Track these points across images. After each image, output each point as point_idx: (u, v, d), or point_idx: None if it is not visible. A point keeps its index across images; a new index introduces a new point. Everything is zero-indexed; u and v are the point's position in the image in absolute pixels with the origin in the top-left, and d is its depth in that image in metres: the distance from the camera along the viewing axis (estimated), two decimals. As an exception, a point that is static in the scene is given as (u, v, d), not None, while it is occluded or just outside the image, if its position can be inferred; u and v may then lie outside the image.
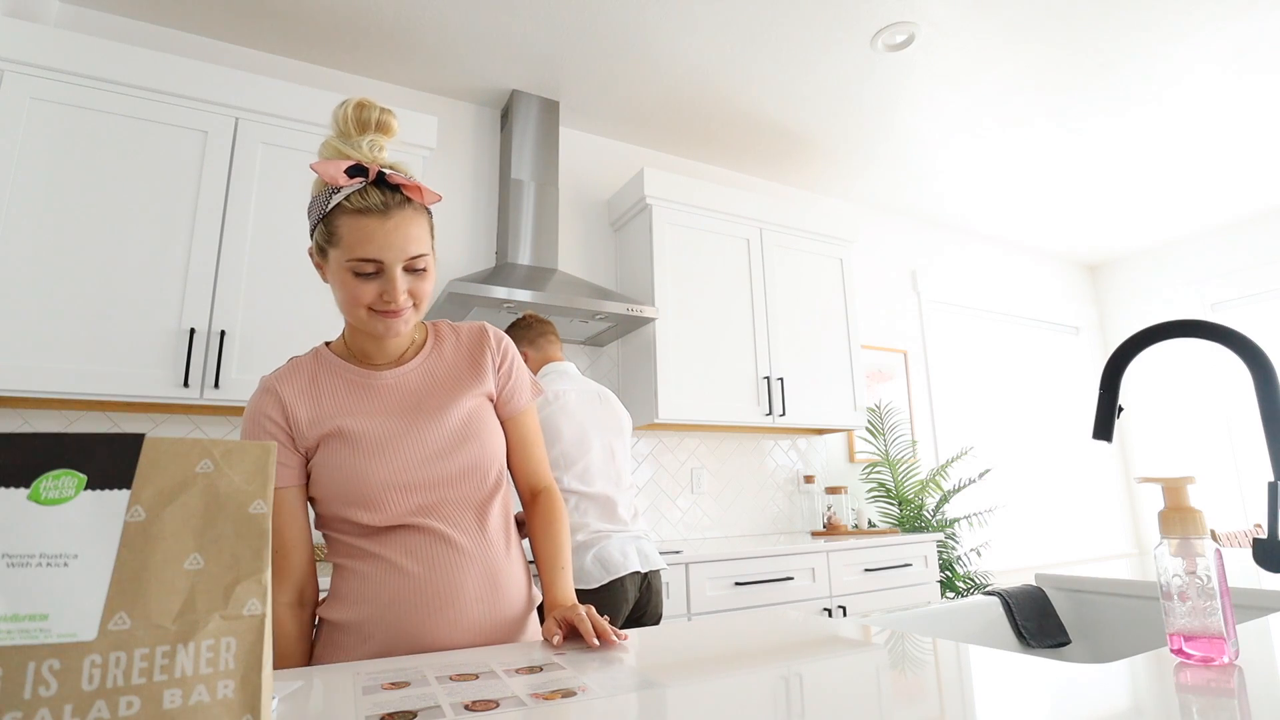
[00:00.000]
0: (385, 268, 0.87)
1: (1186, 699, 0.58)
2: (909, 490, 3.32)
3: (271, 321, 2.07)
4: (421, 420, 0.94)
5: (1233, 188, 3.93)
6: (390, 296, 0.88)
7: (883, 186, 3.85)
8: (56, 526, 0.38)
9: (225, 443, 0.44)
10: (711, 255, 2.98)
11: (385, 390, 0.96)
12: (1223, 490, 4.29)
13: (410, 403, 0.95)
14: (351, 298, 0.88)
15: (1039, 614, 1.20)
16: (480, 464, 0.96)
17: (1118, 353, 0.93)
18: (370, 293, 0.88)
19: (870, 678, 0.68)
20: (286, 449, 0.92)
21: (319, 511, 0.95)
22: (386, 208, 0.86)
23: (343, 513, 0.91)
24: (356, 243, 0.86)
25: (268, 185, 2.15)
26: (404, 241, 0.87)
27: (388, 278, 0.88)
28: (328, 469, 0.90)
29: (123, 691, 0.36)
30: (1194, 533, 0.67)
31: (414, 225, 0.89)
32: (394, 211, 0.87)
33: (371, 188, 0.87)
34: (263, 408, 0.93)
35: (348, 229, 0.86)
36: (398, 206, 0.87)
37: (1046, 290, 4.85)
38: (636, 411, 2.79)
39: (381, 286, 0.88)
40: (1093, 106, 3.08)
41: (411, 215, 0.89)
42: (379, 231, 0.86)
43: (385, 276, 0.88)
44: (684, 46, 2.62)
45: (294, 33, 2.50)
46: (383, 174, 0.87)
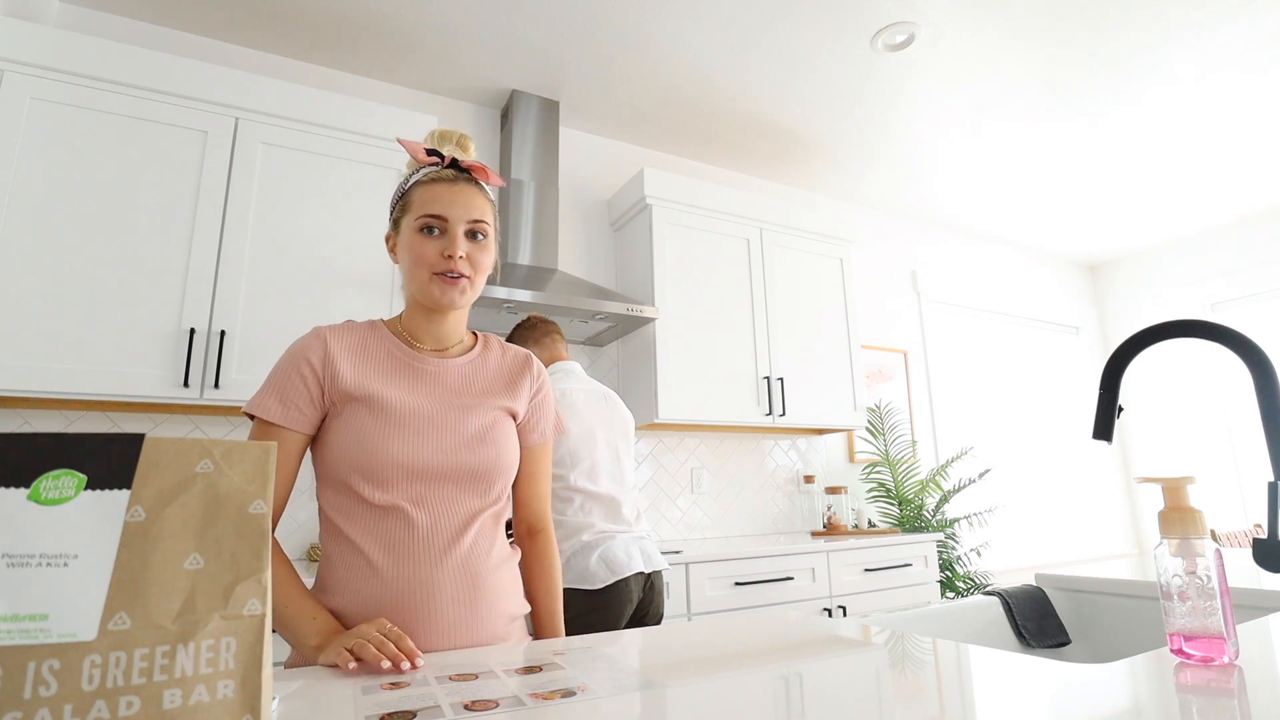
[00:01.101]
0: (449, 225, 0.97)
1: (1186, 699, 0.58)
2: (909, 490, 3.32)
3: (271, 321, 2.07)
4: (450, 411, 0.97)
5: (1233, 188, 3.93)
6: (451, 252, 0.95)
7: (883, 186, 3.85)
8: (56, 526, 0.38)
9: (225, 443, 0.44)
10: (711, 255, 2.98)
11: (425, 375, 1.00)
12: (1223, 490, 4.28)
13: (444, 393, 0.99)
14: (416, 256, 0.96)
15: (1039, 614, 1.20)
16: (491, 470, 0.97)
17: (1118, 353, 0.93)
18: (434, 250, 0.96)
19: (870, 678, 0.68)
20: (310, 398, 0.94)
21: (321, 476, 0.96)
22: (455, 179, 0.99)
23: (347, 479, 0.92)
24: (425, 202, 0.97)
25: (268, 185, 2.15)
26: (468, 203, 0.98)
27: (450, 236, 0.96)
28: (348, 431, 0.93)
29: (123, 691, 0.36)
30: (1194, 533, 0.67)
31: (478, 196, 1.00)
32: (461, 182, 0.99)
33: (445, 169, 1.00)
34: (306, 350, 0.96)
35: (419, 194, 0.98)
36: (465, 181, 1.00)
37: (1046, 290, 4.85)
38: (637, 411, 2.79)
39: (444, 245, 0.96)
40: (1093, 106, 3.08)
41: (477, 190, 1.00)
42: (446, 193, 0.97)
43: (448, 235, 0.96)
44: (684, 46, 2.62)
45: (294, 33, 2.50)
46: (455, 161, 1.01)
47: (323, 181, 2.23)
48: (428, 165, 1.01)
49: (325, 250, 2.19)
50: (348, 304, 2.18)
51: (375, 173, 2.32)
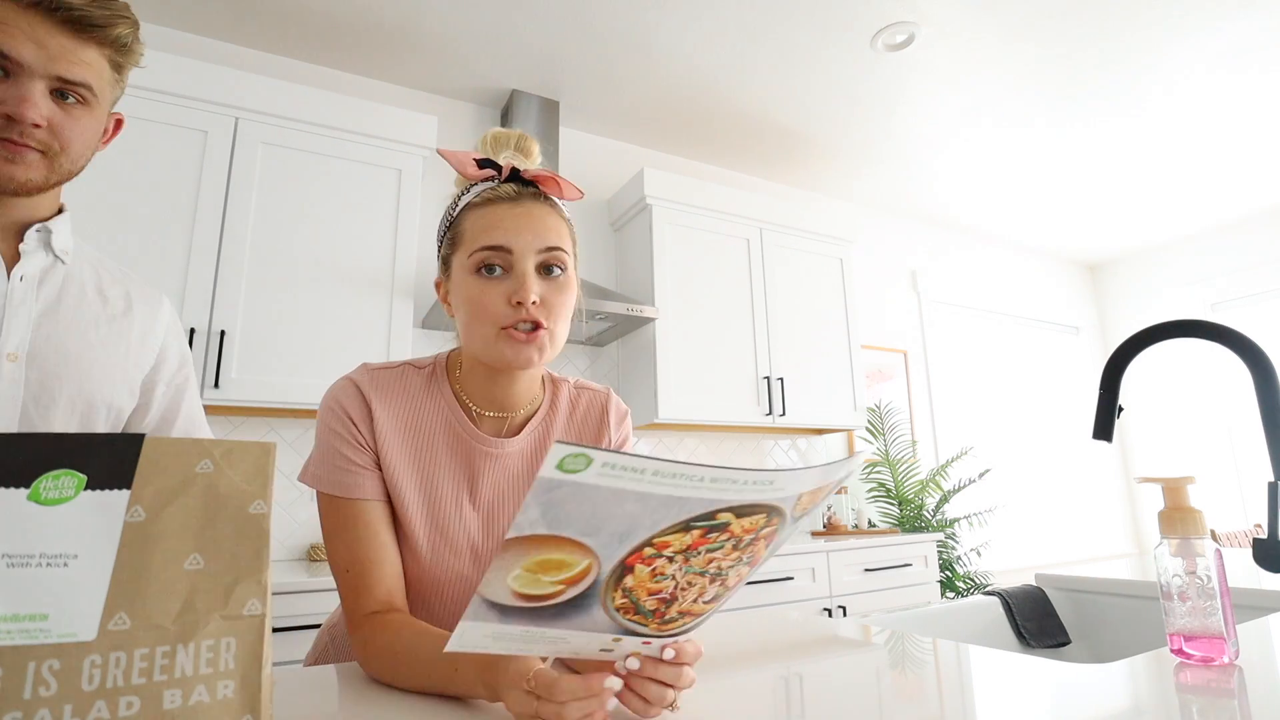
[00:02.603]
0: (514, 259, 0.74)
1: (1186, 699, 0.58)
2: (909, 490, 3.32)
3: (271, 321, 2.07)
4: (504, 518, 0.82)
5: (1232, 188, 3.93)
6: (521, 296, 0.73)
7: (883, 186, 3.85)
8: (56, 526, 0.38)
9: (225, 443, 0.44)
10: (711, 255, 2.98)
11: (485, 460, 0.82)
12: (1223, 490, 4.28)
13: (505, 484, 0.83)
14: (476, 307, 0.74)
15: (1039, 614, 1.20)
16: None
17: (1118, 353, 0.93)
18: (497, 296, 0.74)
19: (870, 678, 0.68)
20: (365, 456, 0.78)
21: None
22: (517, 196, 0.76)
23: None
24: (481, 230, 0.75)
25: (268, 185, 2.15)
26: (538, 228, 0.75)
27: (518, 275, 0.74)
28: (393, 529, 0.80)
29: (123, 692, 0.36)
30: (1194, 533, 0.67)
31: (550, 217, 0.77)
32: (525, 200, 0.76)
33: (504, 184, 0.78)
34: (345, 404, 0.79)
35: (472, 221, 0.76)
36: (530, 197, 0.77)
37: (1046, 290, 4.85)
38: (637, 411, 2.79)
39: (511, 286, 0.74)
40: (1093, 106, 3.08)
41: (548, 209, 0.78)
42: (507, 216, 0.75)
43: (515, 273, 0.74)
44: (684, 46, 2.62)
45: (294, 33, 2.50)
46: (516, 170, 0.78)
47: (323, 181, 2.23)
48: (481, 181, 0.79)
49: (325, 250, 2.19)
50: (348, 304, 2.18)
51: (375, 173, 2.32)
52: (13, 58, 0.73)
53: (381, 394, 0.80)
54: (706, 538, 0.44)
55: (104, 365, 0.87)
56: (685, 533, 0.43)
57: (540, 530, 0.40)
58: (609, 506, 0.39)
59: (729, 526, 0.43)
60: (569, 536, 0.41)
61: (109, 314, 0.90)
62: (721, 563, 0.46)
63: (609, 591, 0.45)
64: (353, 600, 0.75)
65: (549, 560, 0.42)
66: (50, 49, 0.75)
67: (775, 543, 0.48)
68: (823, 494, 0.47)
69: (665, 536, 0.42)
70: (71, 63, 0.76)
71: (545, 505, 0.38)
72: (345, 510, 0.77)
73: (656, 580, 0.45)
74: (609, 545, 0.42)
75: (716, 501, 0.41)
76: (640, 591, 0.46)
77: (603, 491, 0.38)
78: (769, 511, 0.44)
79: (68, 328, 0.85)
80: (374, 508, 0.78)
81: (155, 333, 0.95)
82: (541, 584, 0.43)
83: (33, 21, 0.73)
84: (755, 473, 0.41)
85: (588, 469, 0.37)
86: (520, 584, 0.43)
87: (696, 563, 0.45)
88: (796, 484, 0.43)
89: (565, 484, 0.37)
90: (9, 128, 0.74)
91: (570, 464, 0.37)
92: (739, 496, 0.41)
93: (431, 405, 0.82)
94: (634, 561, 0.44)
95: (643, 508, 0.40)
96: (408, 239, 2.32)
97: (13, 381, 0.79)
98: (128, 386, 0.91)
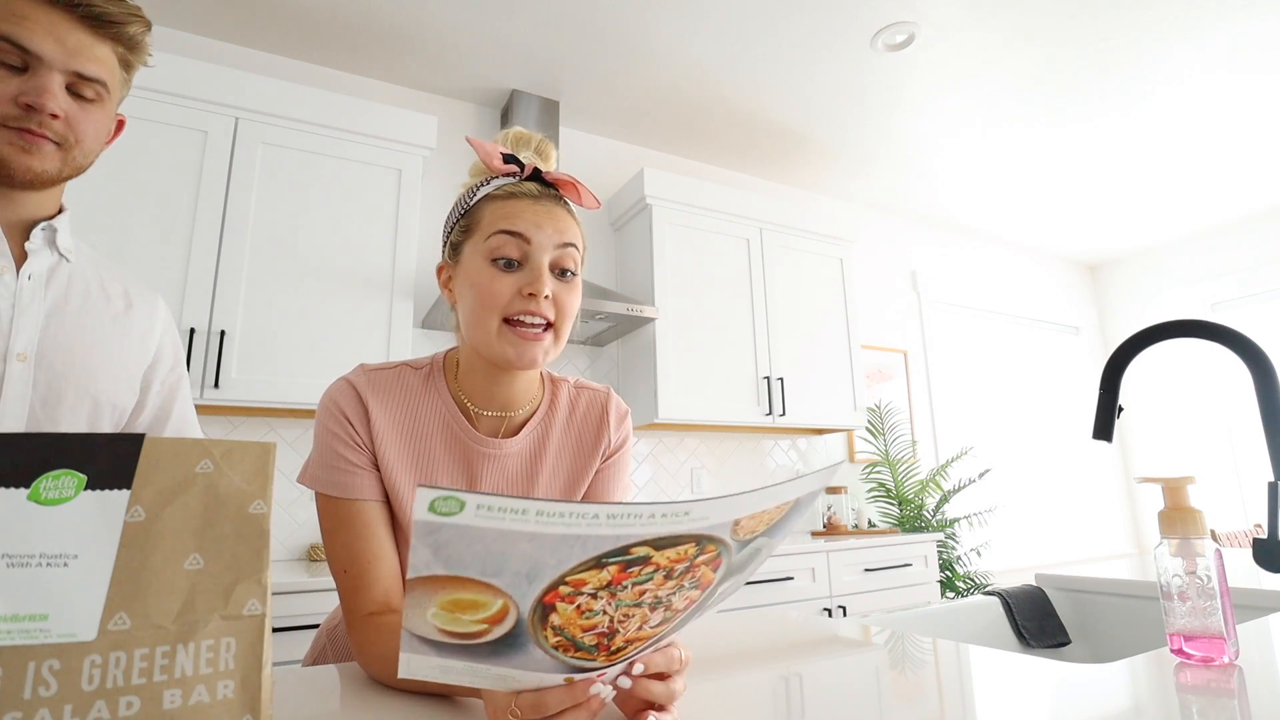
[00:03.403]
0: (531, 251, 0.75)
1: (1186, 699, 0.58)
2: (909, 490, 3.32)
3: (271, 321, 2.07)
4: None
5: (1232, 188, 3.93)
6: (535, 288, 0.73)
7: (883, 186, 3.85)
8: (56, 526, 0.38)
9: (225, 443, 0.44)
10: (711, 255, 2.98)
11: (482, 461, 0.82)
12: (1223, 490, 4.28)
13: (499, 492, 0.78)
14: (485, 295, 0.74)
15: (1039, 614, 1.20)
16: None
17: (1118, 353, 0.93)
18: (509, 287, 0.74)
19: (870, 678, 0.68)
20: (362, 456, 0.78)
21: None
22: (539, 196, 0.77)
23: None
24: (501, 218, 0.75)
25: (268, 185, 2.15)
26: (556, 225, 0.76)
27: (532, 265, 0.75)
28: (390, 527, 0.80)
29: (123, 692, 0.36)
30: (1194, 533, 0.67)
31: (568, 219, 0.79)
32: (547, 200, 0.78)
33: (525, 181, 0.79)
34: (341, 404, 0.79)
35: (492, 210, 0.76)
36: (552, 199, 0.78)
37: (1046, 290, 4.85)
38: (637, 411, 2.79)
39: (524, 278, 0.75)
40: (1093, 106, 3.08)
41: (566, 212, 0.79)
42: (529, 210, 0.76)
43: (530, 265, 0.75)
44: (684, 46, 2.62)
45: (294, 33, 2.50)
46: (538, 171, 0.79)
47: (323, 181, 2.23)
48: (503, 176, 0.79)
49: (325, 250, 2.19)
50: (348, 304, 2.18)
51: (375, 173, 2.32)
52: (33, 51, 0.73)
53: (378, 395, 0.80)
54: (627, 572, 0.40)
55: (109, 364, 0.87)
56: (599, 569, 0.39)
57: (439, 571, 0.37)
58: (501, 546, 0.36)
59: (650, 559, 0.39)
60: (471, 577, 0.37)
61: (112, 312, 0.90)
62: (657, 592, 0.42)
63: (538, 631, 0.41)
64: (351, 600, 0.75)
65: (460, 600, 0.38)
66: (69, 44, 0.76)
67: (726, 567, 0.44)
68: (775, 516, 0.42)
69: (578, 575, 0.39)
70: (88, 59, 0.77)
71: (434, 547, 0.35)
72: (343, 511, 0.77)
73: (587, 617, 0.41)
74: (517, 585, 0.38)
75: (623, 537, 0.37)
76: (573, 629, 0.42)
77: (489, 533, 0.35)
78: (698, 539, 0.40)
79: (74, 327, 0.85)
80: (372, 508, 0.78)
81: (153, 331, 0.95)
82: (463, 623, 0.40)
83: (52, 17, 0.75)
84: (665, 505, 0.37)
85: (462, 512, 0.35)
86: (442, 621, 0.39)
87: (625, 596, 0.41)
88: (723, 511, 0.38)
89: (445, 526, 0.35)
90: (27, 118, 0.75)
91: (442, 507, 0.34)
92: (648, 530, 0.37)
93: (429, 406, 0.82)
94: (552, 600, 0.40)
95: (538, 548, 0.37)
96: (408, 239, 2.32)
97: (22, 381, 0.79)
98: (129, 385, 0.91)
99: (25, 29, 0.73)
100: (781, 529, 0.44)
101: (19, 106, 0.74)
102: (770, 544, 0.45)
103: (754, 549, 0.44)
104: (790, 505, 0.42)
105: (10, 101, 0.74)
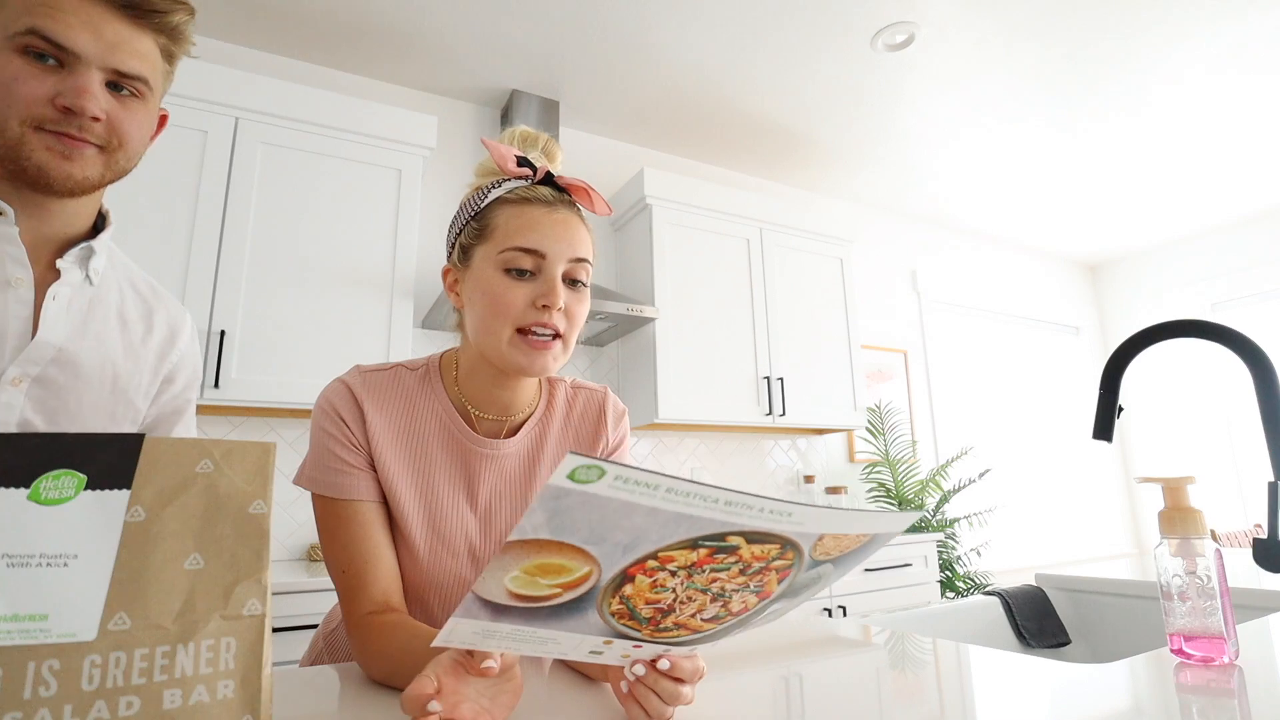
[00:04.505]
0: (545, 264, 0.74)
1: (1186, 699, 0.58)
2: (909, 490, 3.32)
3: (271, 321, 2.07)
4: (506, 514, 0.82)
5: (1232, 188, 3.93)
6: (549, 300, 0.73)
7: (883, 186, 3.85)
8: (56, 526, 0.38)
9: (225, 443, 0.44)
10: (711, 255, 2.98)
11: (480, 462, 0.81)
12: (1223, 490, 4.28)
13: (501, 486, 0.83)
14: (498, 305, 0.73)
15: (1039, 614, 1.20)
16: None
17: (1118, 353, 0.93)
18: (522, 297, 0.73)
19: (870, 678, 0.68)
20: (358, 457, 0.78)
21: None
22: (554, 202, 0.76)
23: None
24: (516, 229, 0.74)
25: (268, 185, 2.15)
26: (571, 238, 0.75)
27: (547, 279, 0.74)
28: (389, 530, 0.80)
29: (123, 691, 0.36)
30: (1194, 533, 0.67)
31: (581, 229, 0.78)
32: (561, 208, 0.76)
33: (538, 185, 0.77)
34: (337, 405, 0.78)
35: (505, 217, 0.75)
36: (565, 205, 0.77)
37: (1046, 290, 4.85)
38: (637, 411, 2.79)
39: (538, 290, 0.74)
40: (1093, 106, 3.08)
41: (580, 220, 0.78)
42: (545, 220, 0.74)
43: (544, 277, 0.74)
44: (684, 46, 2.62)
45: (294, 33, 2.50)
46: (550, 175, 0.78)
47: (323, 181, 2.23)
48: (516, 178, 0.77)
49: (325, 250, 2.19)
50: (348, 304, 2.18)
51: (375, 173, 2.32)
52: (69, 47, 0.67)
53: (374, 396, 0.79)
54: (714, 557, 0.43)
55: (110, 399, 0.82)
56: (692, 550, 0.42)
57: (544, 535, 0.40)
58: (616, 518, 0.39)
59: (738, 550, 0.43)
60: (572, 543, 0.40)
61: (127, 341, 0.84)
62: (726, 584, 0.46)
63: (606, 598, 0.45)
64: (350, 601, 0.74)
65: (549, 564, 0.42)
66: (107, 38, 0.69)
67: (790, 581, 0.47)
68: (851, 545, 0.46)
69: (671, 551, 0.42)
70: (129, 54, 0.71)
71: (552, 512, 0.38)
72: (340, 511, 0.77)
73: (656, 591, 0.45)
74: (612, 555, 0.42)
75: (728, 524, 0.41)
76: (638, 600, 0.46)
77: (613, 503, 0.38)
78: (783, 543, 0.44)
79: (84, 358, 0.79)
80: (369, 508, 0.77)
81: (168, 359, 0.90)
82: (539, 586, 0.43)
83: (89, 7, 0.68)
84: (774, 501, 0.40)
85: (599, 480, 0.37)
86: (517, 585, 0.43)
87: (700, 580, 0.45)
88: (817, 522, 0.42)
89: (574, 493, 0.37)
90: (66, 121, 0.68)
91: (582, 475, 0.36)
92: (752, 523, 0.41)
93: (426, 407, 0.82)
94: (635, 571, 0.43)
95: (651, 522, 0.40)
96: (408, 239, 2.32)
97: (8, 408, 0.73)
98: (132, 419, 0.86)
99: (60, 22, 0.66)
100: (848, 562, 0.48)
101: (56, 109, 0.67)
102: (832, 575, 0.49)
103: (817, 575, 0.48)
104: (868, 540, 0.46)
105: (46, 103, 0.67)
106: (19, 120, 0.67)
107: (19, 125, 0.67)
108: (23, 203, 0.74)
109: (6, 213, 0.72)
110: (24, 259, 0.74)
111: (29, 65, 0.67)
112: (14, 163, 0.69)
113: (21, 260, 0.74)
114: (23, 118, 0.67)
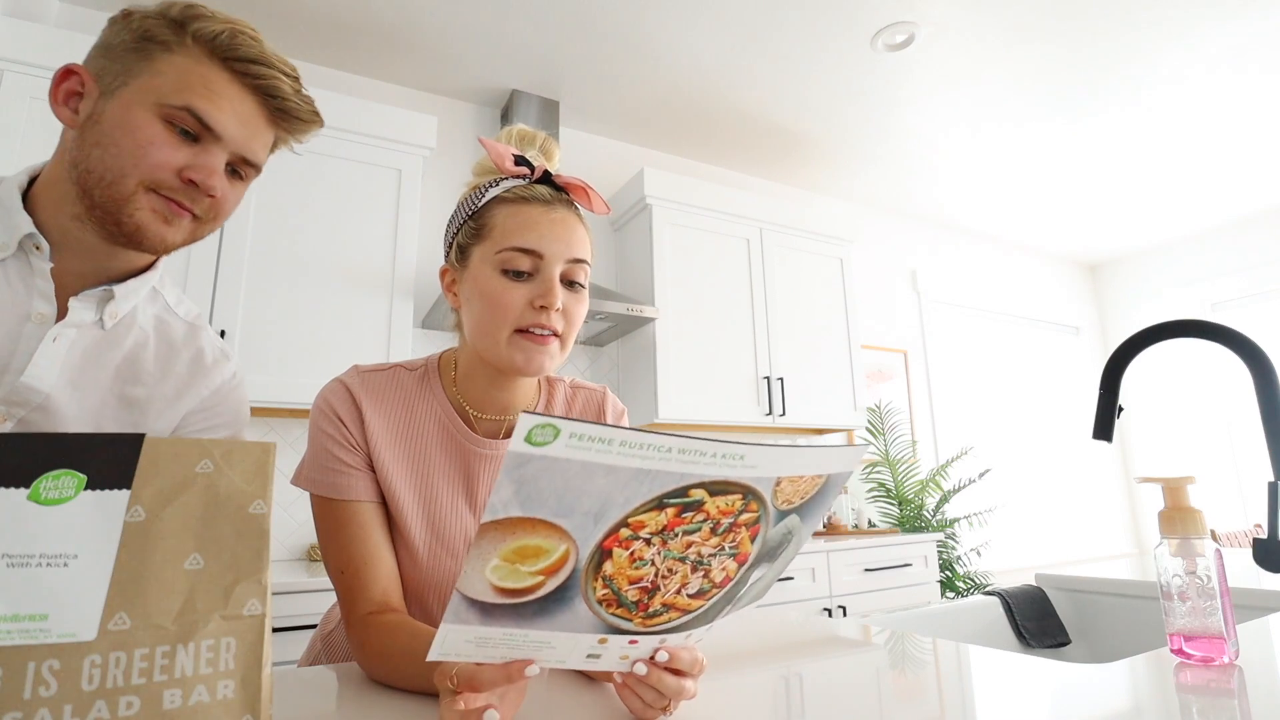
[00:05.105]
0: (543, 265, 0.74)
1: (1186, 699, 0.58)
2: (909, 490, 3.32)
3: (271, 321, 2.07)
4: None
5: (1233, 188, 3.93)
6: (547, 301, 0.73)
7: (883, 186, 3.85)
8: (56, 526, 0.38)
9: (225, 442, 0.44)
10: (711, 255, 2.98)
11: (478, 462, 0.81)
12: (1223, 490, 4.28)
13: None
14: (497, 306, 0.73)
15: (1039, 614, 1.20)
16: None
17: (1118, 353, 0.93)
18: (520, 298, 0.73)
19: (870, 678, 0.68)
20: (357, 458, 0.77)
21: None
22: (552, 201, 0.76)
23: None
24: (514, 229, 0.73)
25: (267, 185, 2.14)
26: (569, 239, 0.75)
27: (545, 279, 0.74)
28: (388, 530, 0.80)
29: (122, 692, 0.36)
30: (1194, 533, 0.67)
31: (580, 229, 0.77)
32: (559, 207, 0.76)
33: (536, 184, 0.77)
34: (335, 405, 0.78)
35: (504, 216, 0.74)
36: (564, 204, 0.77)
37: (1046, 290, 4.85)
38: (637, 411, 2.79)
39: (535, 290, 0.73)
40: (1093, 106, 3.08)
41: (578, 220, 0.78)
42: (542, 220, 0.74)
43: (541, 277, 0.74)
44: (684, 46, 2.62)
45: (294, 33, 2.50)
46: (549, 174, 0.78)
47: (322, 181, 2.23)
48: (514, 177, 0.77)
49: (325, 250, 2.19)
50: (348, 304, 2.18)
51: (375, 173, 2.32)
52: (215, 130, 0.70)
53: (372, 396, 0.79)
54: (681, 517, 0.44)
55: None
56: (659, 510, 0.43)
57: (514, 512, 0.40)
58: (580, 482, 0.40)
59: (703, 505, 0.44)
60: (543, 518, 0.41)
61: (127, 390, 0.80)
62: (701, 548, 0.47)
63: (589, 581, 0.45)
64: (349, 601, 0.74)
65: (526, 546, 0.42)
66: (249, 129, 0.73)
67: (763, 538, 0.48)
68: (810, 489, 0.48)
69: (639, 515, 0.43)
70: (258, 147, 0.75)
71: (518, 483, 0.39)
72: (339, 512, 0.76)
73: (636, 566, 0.46)
74: (584, 526, 0.42)
75: (687, 475, 0.42)
76: (621, 580, 0.46)
77: (573, 465, 0.39)
78: (745, 492, 0.45)
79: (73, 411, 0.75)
80: (367, 509, 0.77)
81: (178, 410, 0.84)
82: (521, 575, 0.43)
83: (244, 98, 0.72)
84: (726, 444, 0.41)
85: (556, 440, 0.38)
86: (499, 576, 0.43)
87: (674, 545, 0.46)
88: (772, 463, 0.43)
89: (535, 459, 0.38)
90: (186, 192, 0.71)
91: (538, 435, 0.37)
92: (709, 470, 0.42)
93: (424, 407, 0.81)
94: (611, 544, 0.44)
95: (612, 482, 0.41)
96: (408, 239, 2.32)
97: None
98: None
99: (216, 107, 0.70)
100: (812, 510, 0.49)
101: (181, 180, 0.70)
102: (801, 529, 0.50)
103: (786, 529, 0.49)
104: (824, 481, 0.48)
105: (174, 172, 0.69)
106: (138, 180, 0.68)
107: (135, 184, 0.68)
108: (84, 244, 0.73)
109: (43, 248, 0.72)
110: (50, 294, 0.73)
111: (168, 133, 0.69)
112: (113, 216, 0.69)
113: (48, 295, 0.73)
114: (144, 179, 0.68)
